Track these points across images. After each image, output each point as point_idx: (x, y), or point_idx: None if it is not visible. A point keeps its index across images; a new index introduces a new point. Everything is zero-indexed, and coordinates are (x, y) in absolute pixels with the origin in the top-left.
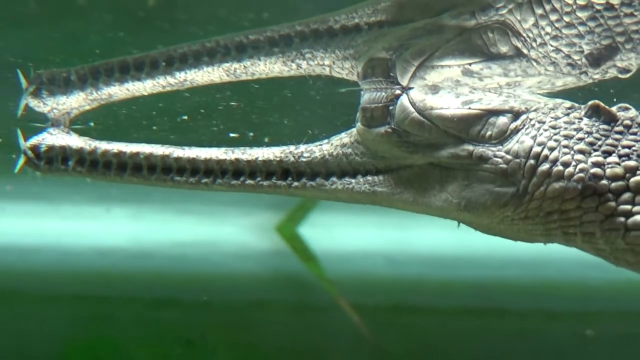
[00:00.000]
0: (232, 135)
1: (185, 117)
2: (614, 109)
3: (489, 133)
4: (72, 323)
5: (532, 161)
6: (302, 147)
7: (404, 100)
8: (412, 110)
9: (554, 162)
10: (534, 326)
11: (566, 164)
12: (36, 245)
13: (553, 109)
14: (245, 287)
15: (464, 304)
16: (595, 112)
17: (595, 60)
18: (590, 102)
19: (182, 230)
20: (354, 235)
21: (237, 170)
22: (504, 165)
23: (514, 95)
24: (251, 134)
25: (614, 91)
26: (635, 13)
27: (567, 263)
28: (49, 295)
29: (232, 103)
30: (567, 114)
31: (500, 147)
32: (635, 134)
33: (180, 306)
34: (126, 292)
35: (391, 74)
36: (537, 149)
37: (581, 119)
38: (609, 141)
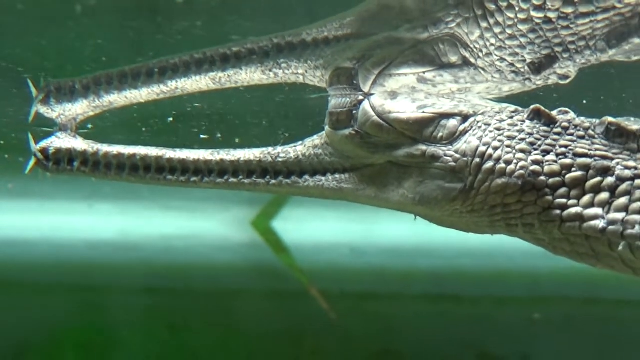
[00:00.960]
0: (202, 137)
1: (171, 119)
2: (554, 112)
3: (440, 134)
4: (66, 310)
5: (477, 159)
6: (279, 149)
7: (365, 105)
8: (373, 114)
9: (498, 160)
10: (486, 311)
11: (508, 162)
12: (33, 239)
13: (499, 113)
14: (224, 276)
15: (423, 291)
16: (536, 115)
17: (537, 68)
18: (532, 106)
19: (167, 225)
20: (322, 229)
21: (222, 169)
22: (453, 164)
23: (464, 100)
24: (219, 135)
25: (557, 96)
26: (571, 26)
27: (515, 253)
28: (44, 285)
29: (196, 104)
30: (511, 117)
31: (450, 147)
32: (572, 134)
33: (167, 295)
34: (116, 281)
35: (355, 82)
36: (482, 148)
37: (524, 121)
38: (548, 141)
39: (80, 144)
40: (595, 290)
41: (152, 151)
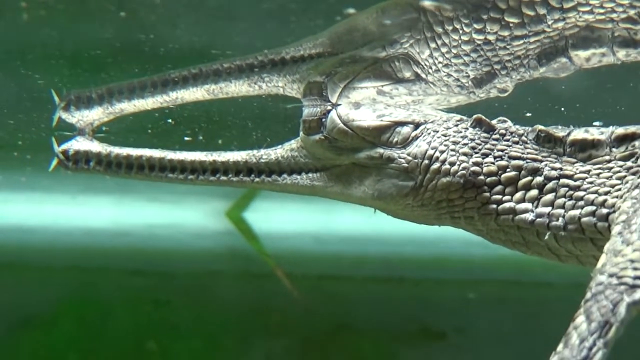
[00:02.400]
0: (186, 138)
1: (170, 121)
2: (494, 121)
3: (395, 139)
4: (65, 288)
5: (426, 161)
6: (262, 151)
7: (333, 114)
8: (339, 122)
9: (443, 162)
10: (427, 291)
11: (452, 164)
12: (37, 226)
13: (446, 121)
14: (202, 260)
15: (373, 273)
16: (478, 124)
17: (479, 83)
18: (475, 116)
19: (153, 215)
20: (287, 219)
21: (214, 169)
22: (406, 165)
23: (417, 110)
24: (200, 137)
25: (507, 106)
26: (508, 47)
27: (453, 241)
28: (44, 267)
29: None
30: (457, 125)
31: (404, 150)
32: (508, 140)
33: (152, 276)
34: (107, 264)
35: (324, 94)
36: (430, 151)
37: (467, 128)
38: (487, 146)
39: (95, 147)
40: (521, 274)
41: (156, 153)
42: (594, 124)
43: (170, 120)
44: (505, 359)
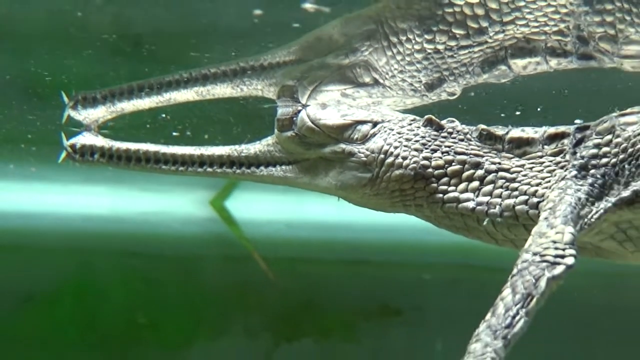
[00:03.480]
0: (175, 134)
1: (164, 116)
2: (444, 121)
3: (356, 136)
4: (64, 270)
5: (382, 155)
6: (243, 146)
7: (302, 114)
8: (308, 120)
9: (397, 156)
10: (389, 273)
11: (405, 158)
12: (41, 212)
13: (401, 120)
14: (189, 244)
15: (341, 257)
16: (429, 123)
17: (430, 87)
18: (426, 116)
19: (145, 203)
20: (264, 207)
21: (202, 161)
22: (365, 158)
23: (376, 110)
24: (188, 133)
25: (466, 107)
26: (455, 55)
27: (411, 229)
28: (47, 249)
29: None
30: (410, 124)
31: (363, 146)
32: (454, 138)
33: (144, 257)
34: (105, 247)
35: (296, 96)
36: (386, 147)
37: (419, 127)
38: (437, 143)
39: (100, 141)
40: (470, 258)
41: (151, 147)
42: (575, 121)
43: (164, 115)
44: (454, 333)
